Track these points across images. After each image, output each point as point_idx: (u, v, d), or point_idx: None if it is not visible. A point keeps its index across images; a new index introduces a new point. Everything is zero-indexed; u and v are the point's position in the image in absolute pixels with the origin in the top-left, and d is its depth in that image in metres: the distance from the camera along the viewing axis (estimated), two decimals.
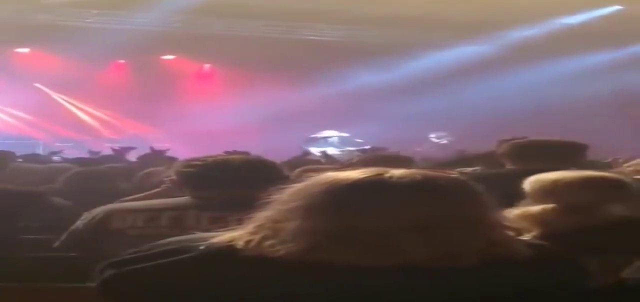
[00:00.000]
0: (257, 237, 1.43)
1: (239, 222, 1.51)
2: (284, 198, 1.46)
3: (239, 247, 1.43)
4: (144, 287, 1.47)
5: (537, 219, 2.42)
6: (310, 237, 1.38)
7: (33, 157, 8.87)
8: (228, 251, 1.43)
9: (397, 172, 1.46)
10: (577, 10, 17.73)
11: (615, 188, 2.57)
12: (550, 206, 2.54)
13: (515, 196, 2.58)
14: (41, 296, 2.59)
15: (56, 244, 2.90)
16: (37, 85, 18.39)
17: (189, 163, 2.87)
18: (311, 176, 1.51)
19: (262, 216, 1.47)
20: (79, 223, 2.86)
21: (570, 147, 3.78)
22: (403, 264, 1.36)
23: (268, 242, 1.40)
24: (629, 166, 4.78)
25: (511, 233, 1.49)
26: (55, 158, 10.55)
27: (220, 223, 1.51)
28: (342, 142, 17.19)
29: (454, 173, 1.59)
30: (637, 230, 2.43)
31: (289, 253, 1.38)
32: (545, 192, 2.56)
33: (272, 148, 9.38)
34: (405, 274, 1.36)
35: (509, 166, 3.66)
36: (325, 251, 1.37)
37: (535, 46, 18.20)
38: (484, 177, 3.79)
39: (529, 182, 2.61)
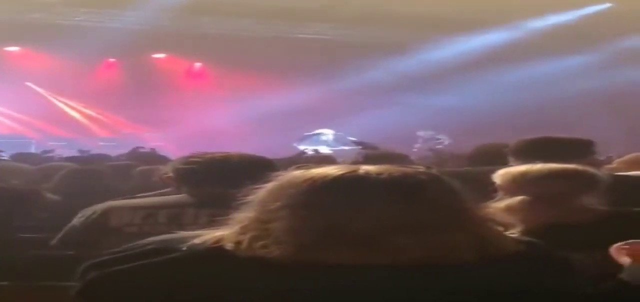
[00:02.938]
0: (246, 238, 1.41)
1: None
2: (263, 198, 1.45)
3: (228, 248, 1.41)
4: (129, 288, 1.43)
5: (506, 213, 2.39)
6: (302, 236, 1.37)
7: (26, 157, 8.84)
8: (218, 252, 1.41)
9: (371, 168, 1.45)
10: (569, 8, 17.78)
11: (585, 179, 2.56)
12: (519, 198, 2.54)
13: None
14: (38, 294, 2.60)
15: (53, 242, 2.87)
16: (28, 84, 18.33)
17: (187, 160, 2.85)
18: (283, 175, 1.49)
19: (243, 216, 1.45)
20: (76, 221, 2.83)
21: (579, 144, 3.76)
22: (398, 262, 1.35)
23: (259, 243, 1.39)
24: (621, 162, 4.79)
25: (500, 229, 1.48)
26: (48, 156, 10.52)
27: (218, 221, 1.50)
28: (336, 140, 17.20)
29: (429, 170, 1.57)
30: (609, 225, 2.41)
31: (283, 253, 1.36)
32: (515, 184, 2.55)
33: (264, 147, 9.38)
34: (399, 272, 1.35)
35: (514, 163, 3.64)
36: (318, 250, 1.36)
37: (526, 45, 18.23)
38: (470, 175, 3.78)
39: (499, 175, 2.60)
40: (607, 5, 17.41)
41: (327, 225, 1.38)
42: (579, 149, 3.66)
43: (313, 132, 17.56)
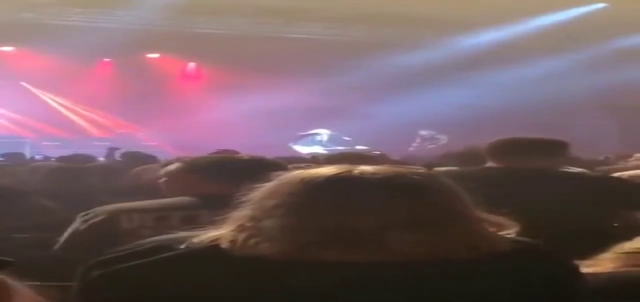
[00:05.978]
0: (241, 237, 1.41)
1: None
2: (259, 197, 1.46)
3: (224, 246, 1.42)
4: (128, 287, 1.44)
5: None
6: (295, 234, 1.37)
7: (13, 156, 8.83)
8: (213, 251, 1.42)
9: (366, 168, 1.47)
10: (563, 7, 17.83)
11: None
12: None
13: (495, 195, 2.55)
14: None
15: (56, 246, 2.80)
16: (23, 84, 18.31)
17: (196, 159, 2.84)
18: (279, 175, 1.51)
19: (239, 215, 1.46)
20: (79, 224, 2.76)
21: (553, 144, 3.79)
22: (393, 260, 1.36)
23: (252, 241, 1.39)
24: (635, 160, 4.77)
25: (492, 228, 1.49)
26: (38, 157, 10.51)
27: (218, 220, 1.50)
28: (331, 140, 17.21)
29: (423, 170, 1.58)
30: None
31: (274, 250, 1.37)
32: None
33: (260, 146, 9.38)
34: (394, 269, 1.36)
35: (491, 164, 3.65)
36: (313, 248, 1.36)
37: (521, 44, 18.26)
38: (462, 175, 3.79)
39: None
40: (602, 5, 17.45)
41: (322, 223, 1.38)
42: (555, 149, 3.69)
43: (308, 132, 17.57)
